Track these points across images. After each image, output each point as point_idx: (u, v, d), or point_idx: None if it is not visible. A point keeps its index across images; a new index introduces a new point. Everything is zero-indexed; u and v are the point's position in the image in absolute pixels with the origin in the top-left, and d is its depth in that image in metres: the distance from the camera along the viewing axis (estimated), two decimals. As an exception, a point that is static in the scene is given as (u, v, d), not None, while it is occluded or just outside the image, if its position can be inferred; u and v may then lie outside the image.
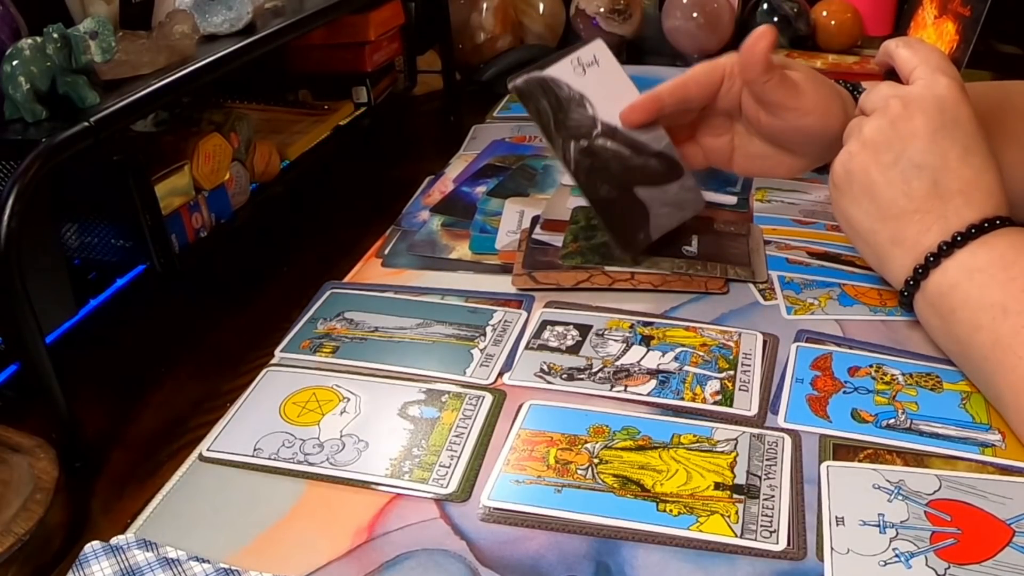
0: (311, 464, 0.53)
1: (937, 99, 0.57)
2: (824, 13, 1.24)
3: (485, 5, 1.19)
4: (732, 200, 0.77)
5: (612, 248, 0.69)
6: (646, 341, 0.63)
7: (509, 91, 0.67)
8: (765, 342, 0.62)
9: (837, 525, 0.47)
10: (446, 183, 0.88)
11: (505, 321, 0.66)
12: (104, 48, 0.59)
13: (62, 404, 0.54)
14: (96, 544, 0.48)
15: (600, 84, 0.69)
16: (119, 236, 0.66)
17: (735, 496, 0.49)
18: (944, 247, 0.55)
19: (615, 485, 0.50)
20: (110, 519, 0.51)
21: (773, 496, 0.49)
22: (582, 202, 0.75)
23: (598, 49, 0.70)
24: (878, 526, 0.47)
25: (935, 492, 0.49)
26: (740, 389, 0.58)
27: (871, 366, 0.59)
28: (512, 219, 0.78)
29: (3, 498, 0.49)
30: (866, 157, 0.59)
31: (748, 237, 0.73)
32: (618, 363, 0.60)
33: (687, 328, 0.64)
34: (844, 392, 0.57)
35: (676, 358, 0.61)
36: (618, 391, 0.58)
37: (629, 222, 0.68)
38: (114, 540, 0.48)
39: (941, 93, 0.57)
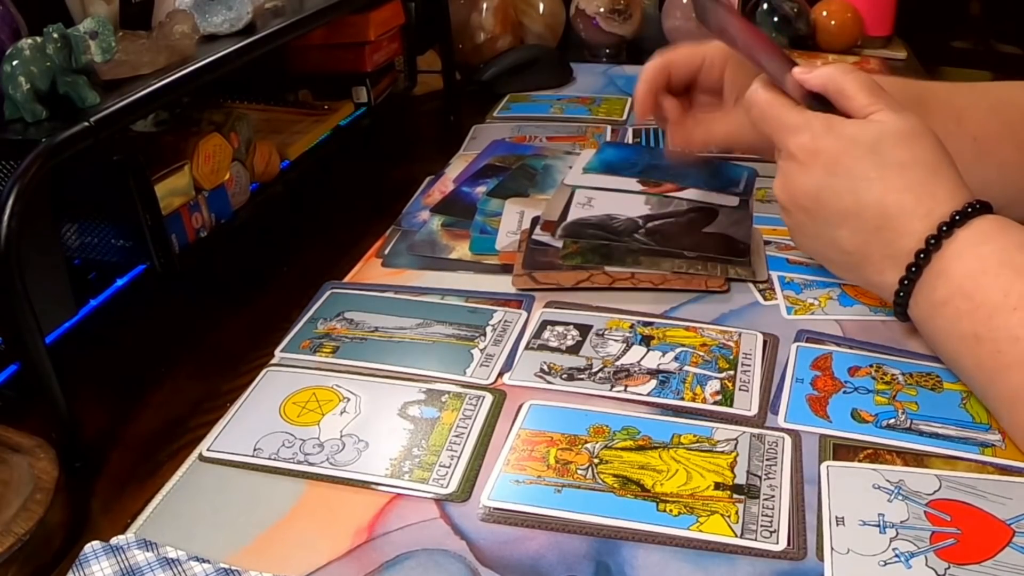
0: (311, 464, 0.53)
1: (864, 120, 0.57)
2: (824, 13, 1.24)
3: (485, 5, 1.19)
4: (734, 201, 0.77)
5: (612, 248, 0.69)
6: (646, 341, 0.63)
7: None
8: (765, 342, 0.62)
9: (837, 525, 0.47)
10: (446, 183, 0.87)
11: (505, 321, 0.66)
12: (104, 48, 0.59)
13: (62, 404, 0.54)
14: (96, 544, 0.48)
15: (608, 201, 0.77)
16: (119, 236, 0.66)
17: (735, 496, 0.49)
18: (905, 283, 0.55)
19: (615, 485, 0.50)
20: (110, 519, 0.51)
21: (773, 496, 0.49)
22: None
23: (581, 182, 0.81)
24: (878, 526, 0.47)
25: (935, 492, 0.49)
26: (740, 389, 0.58)
27: (871, 366, 0.59)
28: (512, 219, 0.78)
29: (3, 498, 0.49)
30: (800, 192, 0.59)
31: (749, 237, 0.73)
32: (618, 363, 0.61)
33: (687, 328, 0.64)
34: (844, 392, 0.57)
35: (676, 358, 0.61)
36: (618, 391, 0.58)
37: (728, 246, 0.71)
38: (114, 540, 0.48)
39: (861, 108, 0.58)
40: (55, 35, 0.56)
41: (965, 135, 0.67)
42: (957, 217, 0.54)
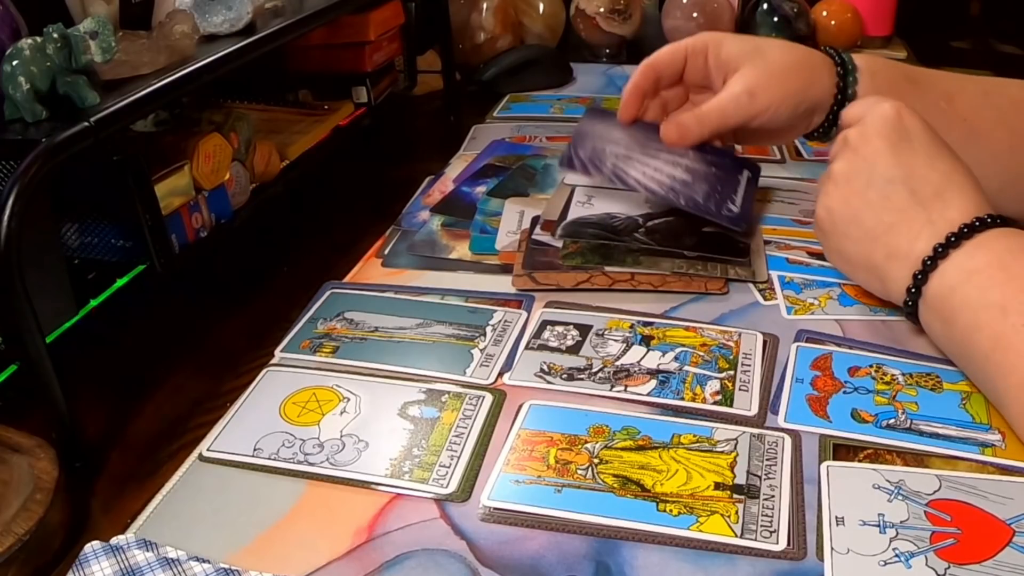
0: (311, 464, 0.53)
1: (884, 118, 0.60)
2: (824, 13, 1.24)
3: (485, 5, 1.19)
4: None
5: (612, 248, 0.69)
6: (646, 341, 0.63)
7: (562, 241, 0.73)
8: (765, 342, 0.62)
9: (837, 525, 0.47)
10: (446, 183, 0.88)
11: (505, 321, 0.66)
12: (104, 48, 0.58)
13: (62, 404, 0.54)
14: (96, 544, 0.48)
15: (608, 199, 0.77)
16: (119, 236, 0.66)
17: (735, 496, 0.49)
18: (939, 249, 0.55)
19: (615, 485, 0.50)
20: (110, 519, 0.51)
21: (773, 496, 0.49)
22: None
23: (573, 179, 0.80)
24: (878, 526, 0.47)
25: (935, 492, 0.49)
26: (740, 389, 0.58)
27: (871, 366, 0.59)
28: (512, 219, 0.78)
29: (3, 498, 0.49)
30: (841, 191, 0.61)
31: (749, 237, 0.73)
32: (618, 363, 0.61)
33: (687, 328, 0.64)
34: (844, 392, 0.57)
35: (676, 358, 0.61)
36: (618, 391, 0.58)
37: (728, 246, 0.71)
38: (114, 540, 0.48)
39: (886, 113, 0.60)
40: (55, 35, 0.56)
41: (956, 115, 0.68)
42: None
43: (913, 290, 0.57)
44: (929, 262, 0.56)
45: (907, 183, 0.58)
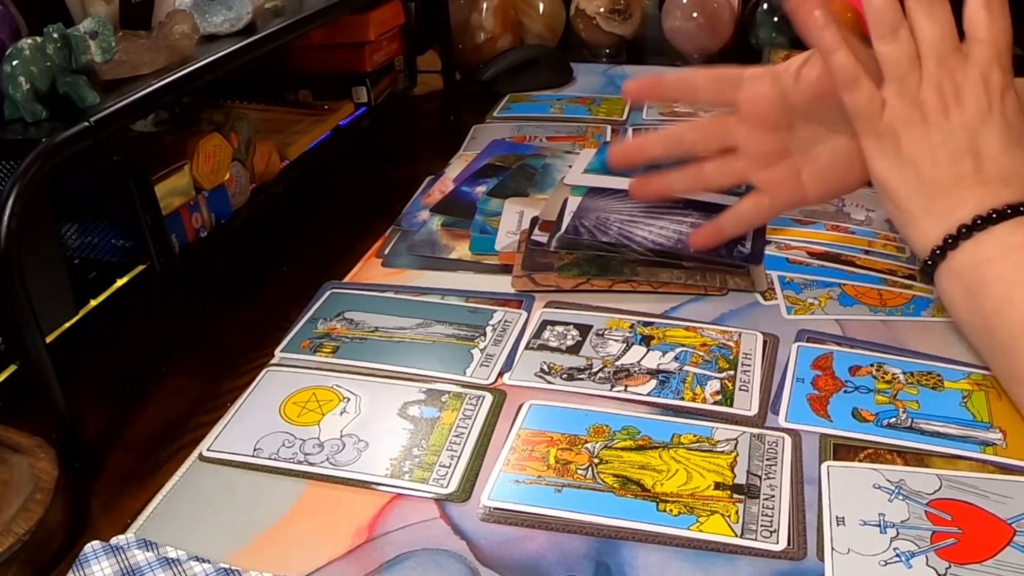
0: (311, 464, 0.53)
1: (988, 89, 0.56)
2: (824, 13, 1.23)
3: (485, 5, 1.19)
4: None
5: (609, 259, 0.69)
6: (646, 341, 0.63)
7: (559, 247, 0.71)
8: (765, 342, 0.62)
9: (837, 525, 0.47)
10: (446, 183, 0.87)
11: (505, 321, 0.66)
12: (104, 48, 0.58)
13: (62, 404, 0.54)
14: (96, 544, 0.48)
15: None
16: (119, 236, 0.66)
17: (735, 496, 0.49)
18: (979, 221, 0.54)
19: (615, 485, 0.50)
20: (110, 519, 0.51)
21: (773, 496, 0.49)
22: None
23: (581, 182, 0.79)
24: (878, 526, 0.47)
25: (936, 492, 0.49)
26: (740, 389, 0.58)
27: (872, 365, 0.59)
28: (512, 220, 0.78)
29: (3, 498, 0.49)
30: (918, 131, 0.57)
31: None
32: (618, 363, 0.60)
33: (687, 328, 0.64)
34: (845, 391, 0.57)
35: (676, 358, 0.61)
36: (618, 391, 0.58)
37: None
38: (114, 540, 0.48)
39: (994, 85, 0.56)
40: (55, 35, 0.56)
41: None
42: None
43: (939, 252, 0.56)
44: (965, 230, 0.55)
45: (978, 160, 0.56)
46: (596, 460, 0.52)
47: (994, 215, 0.54)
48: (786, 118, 0.65)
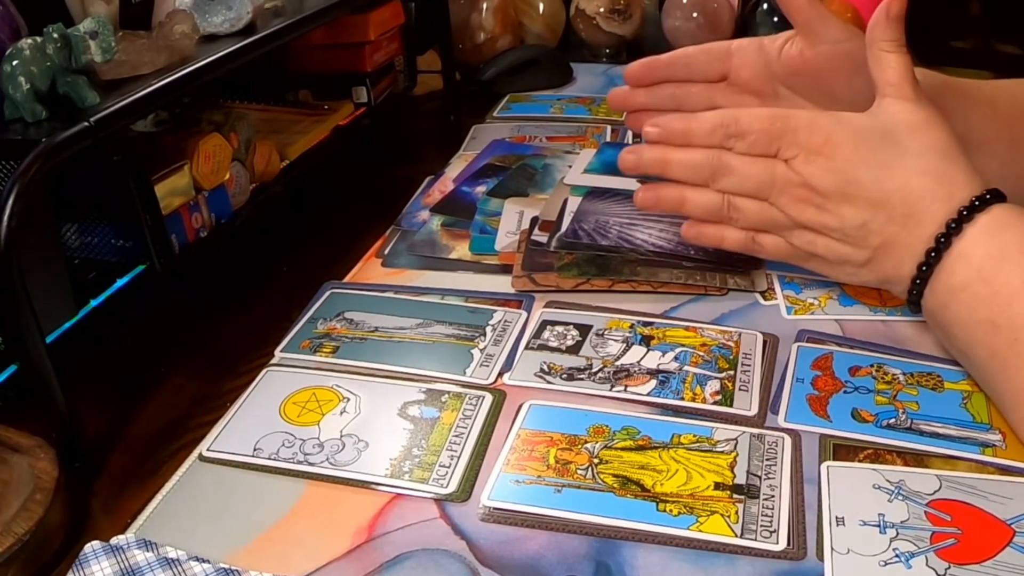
0: (311, 464, 0.53)
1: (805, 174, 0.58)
2: (824, 13, 1.24)
3: (485, 5, 1.19)
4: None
5: (608, 259, 0.69)
6: (646, 341, 0.63)
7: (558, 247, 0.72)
8: (765, 342, 0.62)
9: (837, 525, 0.47)
10: (446, 183, 0.87)
11: (505, 321, 0.66)
12: (104, 48, 0.59)
13: (62, 404, 0.54)
14: (96, 544, 0.48)
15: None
16: (119, 236, 0.66)
17: (735, 496, 0.49)
18: (923, 269, 0.55)
19: (615, 485, 0.50)
20: (110, 519, 0.51)
21: (773, 496, 0.49)
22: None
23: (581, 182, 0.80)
24: (878, 526, 0.47)
25: (935, 492, 0.49)
26: (740, 389, 0.58)
27: (872, 366, 0.59)
28: (511, 220, 0.78)
29: (3, 498, 0.49)
30: (810, 236, 0.60)
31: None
32: (618, 363, 0.60)
33: (687, 328, 0.64)
34: (845, 392, 0.57)
35: (676, 358, 0.61)
36: (618, 391, 0.58)
37: (726, 256, 0.69)
38: (114, 540, 0.48)
39: (799, 168, 0.58)
40: (55, 35, 0.56)
41: (1000, 122, 0.66)
42: (976, 202, 0.54)
43: (913, 304, 0.58)
44: (919, 282, 0.56)
45: (868, 214, 0.57)
46: (596, 460, 0.52)
47: (932, 254, 0.55)
48: (771, 86, 0.71)
